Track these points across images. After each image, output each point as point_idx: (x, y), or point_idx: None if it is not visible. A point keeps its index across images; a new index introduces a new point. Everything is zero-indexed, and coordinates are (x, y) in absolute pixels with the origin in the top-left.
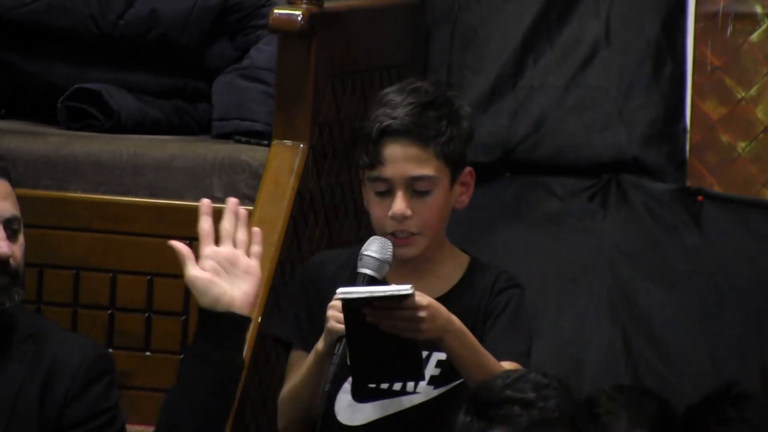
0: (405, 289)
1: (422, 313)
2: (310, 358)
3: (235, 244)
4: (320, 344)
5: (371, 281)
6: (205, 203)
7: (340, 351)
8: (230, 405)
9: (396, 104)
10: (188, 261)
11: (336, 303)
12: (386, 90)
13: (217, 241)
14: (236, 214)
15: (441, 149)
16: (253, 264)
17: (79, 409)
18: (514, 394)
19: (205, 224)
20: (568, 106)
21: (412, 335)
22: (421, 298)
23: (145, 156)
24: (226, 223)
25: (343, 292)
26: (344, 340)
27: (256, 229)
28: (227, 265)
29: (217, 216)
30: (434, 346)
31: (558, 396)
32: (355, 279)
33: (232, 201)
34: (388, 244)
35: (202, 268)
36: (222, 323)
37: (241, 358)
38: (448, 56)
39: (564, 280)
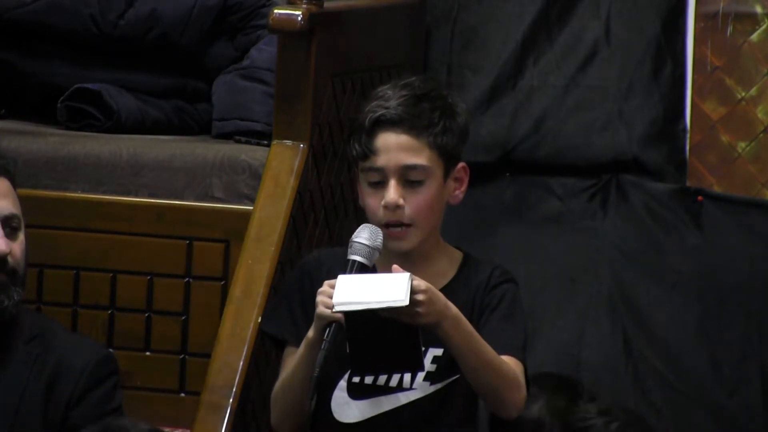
0: (400, 300)
1: (420, 297)
2: (301, 347)
3: None
4: (311, 332)
5: (361, 268)
6: None
7: (329, 337)
8: None
9: (389, 97)
10: None
11: (326, 289)
12: (379, 87)
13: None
14: None
15: (434, 140)
16: None
17: (83, 410)
18: None
19: None
20: (568, 106)
21: (409, 319)
22: (419, 282)
23: (145, 156)
24: None
25: (340, 303)
26: (334, 325)
27: None
28: None
29: (217, 216)
30: (431, 341)
31: None
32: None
33: None
34: (379, 232)
35: None
36: None
37: None
38: (448, 56)
39: (564, 280)
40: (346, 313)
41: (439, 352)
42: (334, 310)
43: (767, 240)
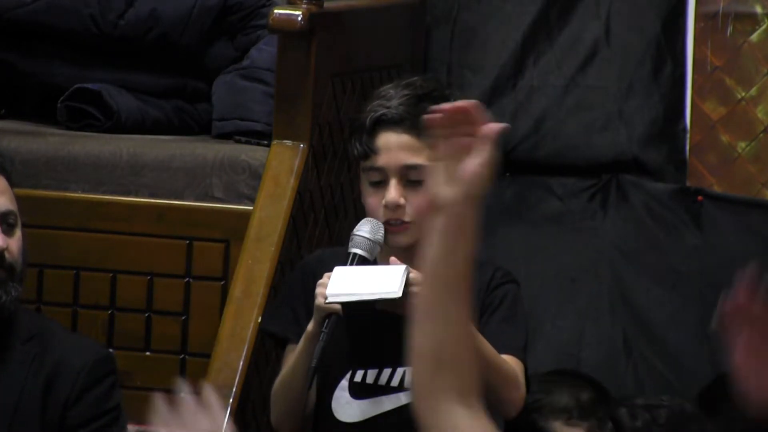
0: (393, 292)
1: (416, 289)
2: (301, 341)
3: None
4: (310, 325)
5: (362, 261)
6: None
7: (328, 328)
8: None
9: (390, 96)
10: None
11: (325, 281)
12: (381, 87)
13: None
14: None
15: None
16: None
17: (81, 410)
18: None
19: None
20: (568, 106)
21: (406, 312)
22: (416, 275)
23: (145, 156)
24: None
25: (334, 294)
26: (333, 317)
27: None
28: None
29: (217, 216)
30: None
31: None
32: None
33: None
34: (380, 226)
35: None
36: None
37: None
38: (448, 56)
39: (564, 280)
40: (343, 305)
41: None
42: (327, 301)
43: (767, 240)
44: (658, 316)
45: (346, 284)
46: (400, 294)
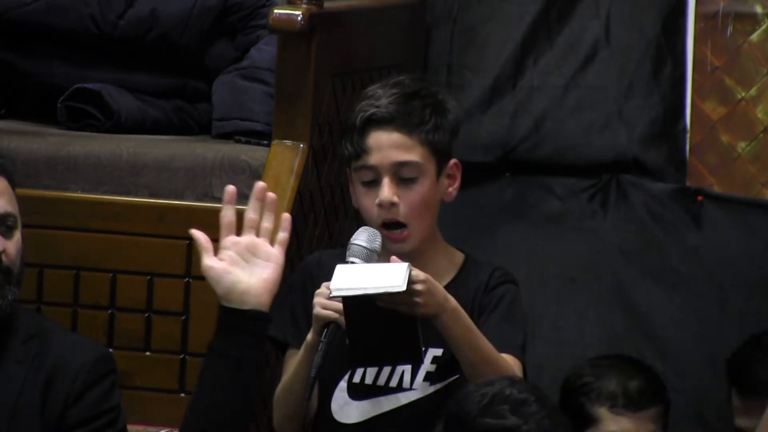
0: (398, 285)
1: (419, 287)
2: (301, 351)
3: (258, 233)
4: (310, 335)
5: None
6: (230, 191)
7: (327, 338)
8: (250, 403)
9: (379, 96)
10: (205, 251)
11: (323, 290)
12: (369, 87)
13: (240, 230)
14: (263, 200)
15: (426, 137)
16: (274, 252)
17: (81, 409)
18: (493, 422)
19: (227, 213)
20: (568, 106)
21: (408, 309)
22: (418, 273)
23: (145, 156)
24: (251, 212)
25: (337, 288)
26: (332, 326)
27: (285, 215)
28: (246, 254)
29: (217, 216)
30: (431, 341)
31: (538, 412)
32: None
33: (259, 186)
34: (377, 234)
35: (220, 259)
36: (237, 319)
37: (258, 355)
38: (448, 56)
39: (564, 280)
40: (345, 300)
41: (438, 352)
42: (331, 295)
43: (767, 240)
44: (658, 316)
45: (349, 279)
46: (404, 287)
